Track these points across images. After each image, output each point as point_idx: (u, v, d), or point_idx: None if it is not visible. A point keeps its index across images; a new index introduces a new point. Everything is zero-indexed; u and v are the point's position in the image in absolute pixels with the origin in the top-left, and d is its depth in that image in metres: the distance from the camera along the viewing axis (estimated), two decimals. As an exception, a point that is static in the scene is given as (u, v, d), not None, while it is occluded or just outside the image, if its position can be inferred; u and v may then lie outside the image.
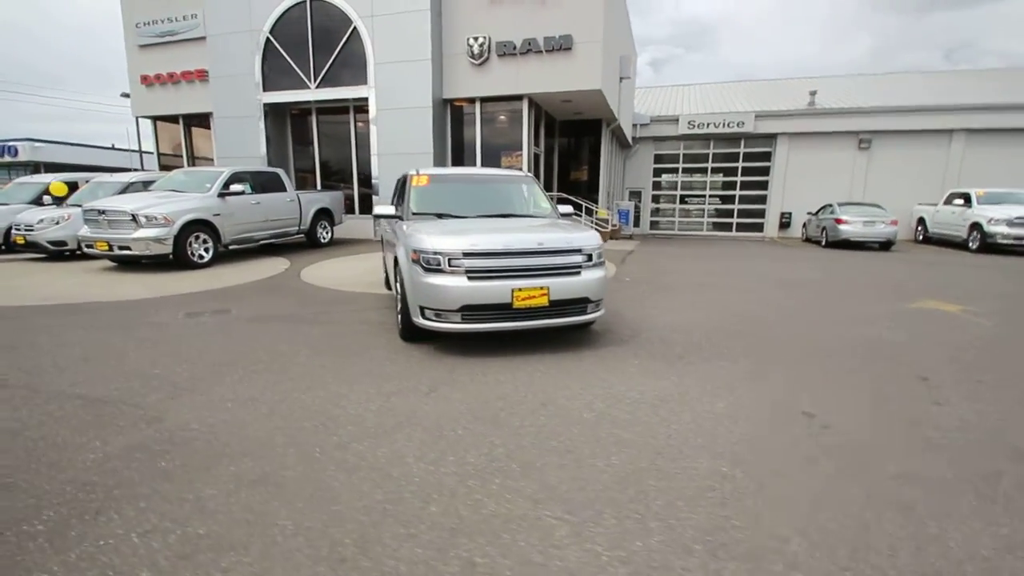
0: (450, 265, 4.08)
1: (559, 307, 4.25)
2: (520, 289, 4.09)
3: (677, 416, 3.08)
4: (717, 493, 2.27)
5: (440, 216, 5.09)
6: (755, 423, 3.00)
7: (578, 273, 4.34)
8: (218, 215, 9.20)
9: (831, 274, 9.31)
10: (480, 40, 11.88)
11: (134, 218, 8.15)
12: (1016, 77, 19.88)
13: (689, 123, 19.02)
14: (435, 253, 4.11)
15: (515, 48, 11.68)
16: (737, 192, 19.87)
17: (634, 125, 19.36)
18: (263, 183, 10.55)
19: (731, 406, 3.25)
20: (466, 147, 13.22)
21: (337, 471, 2.42)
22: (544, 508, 2.14)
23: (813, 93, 18.79)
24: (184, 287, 7.22)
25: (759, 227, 19.70)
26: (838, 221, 14.35)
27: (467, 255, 4.08)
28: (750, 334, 5.02)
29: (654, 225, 21.07)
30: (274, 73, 13.15)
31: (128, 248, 8.16)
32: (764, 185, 19.43)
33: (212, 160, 14.89)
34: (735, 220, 20.10)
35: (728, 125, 18.76)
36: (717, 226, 20.42)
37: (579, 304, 4.36)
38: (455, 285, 4.05)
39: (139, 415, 3.05)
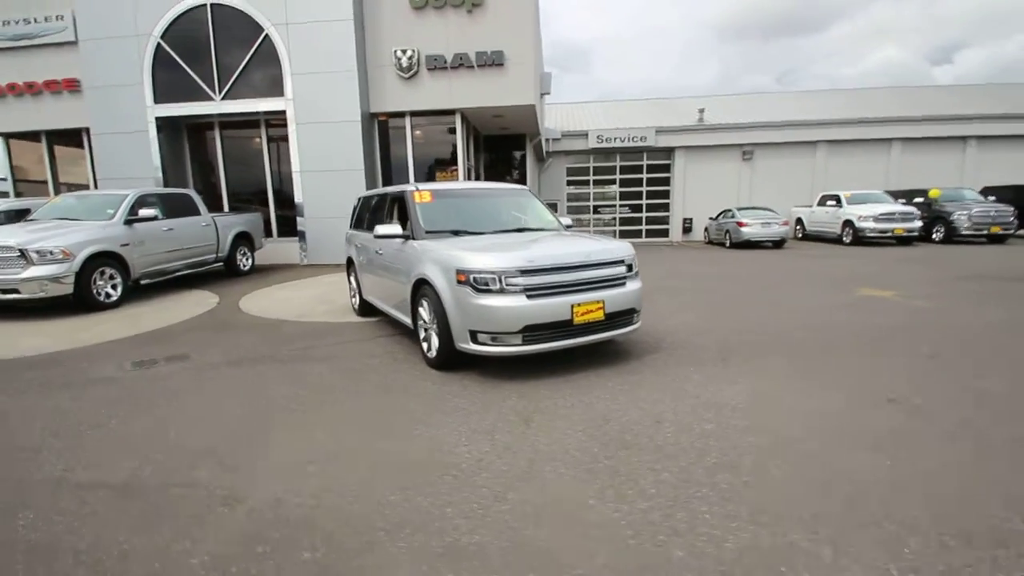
0: (506, 284, 3.80)
1: (612, 319, 4.15)
2: (579, 304, 3.92)
3: (789, 418, 3.12)
4: (917, 486, 2.31)
5: (456, 233, 4.76)
6: (863, 414, 3.13)
7: (623, 284, 4.28)
8: (126, 245, 7.80)
9: (760, 271, 10.25)
10: (409, 53, 11.48)
11: (23, 254, 6.60)
12: (860, 96, 23.74)
13: (598, 138, 20.05)
14: (485, 272, 3.81)
15: (446, 62, 11.45)
16: (644, 201, 21.29)
17: (546, 140, 19.95)
18: (173, 206, 9.17)
19: (823, 402, 3.37)
20: (396, 163, 12.65)
21: (526, 527, 2.09)
22: (786, 532, 2.02)
23: (702, 111, 20.81)
24: (102, 334, 5.96)
25: (665, 232, 21.26)
26: (740, 224, 15.92)
27: (524, 272, 3.83)
28: (754, 331, 5.30)
29: (570, 235, 21.79)
30: (168, 83, 11.54)
31: (16, 291, 6.56)
32: (666, 194, 21.04)
33: (87, 185, 12.65)
34: (644, 227, 21.49)
35: (632, 140, 20.08)
36: (626, 233, 21.65)
37: (627, 315, 4.30)
38: (515, 305, 3.77)
39: (204, 497, 2.40)
